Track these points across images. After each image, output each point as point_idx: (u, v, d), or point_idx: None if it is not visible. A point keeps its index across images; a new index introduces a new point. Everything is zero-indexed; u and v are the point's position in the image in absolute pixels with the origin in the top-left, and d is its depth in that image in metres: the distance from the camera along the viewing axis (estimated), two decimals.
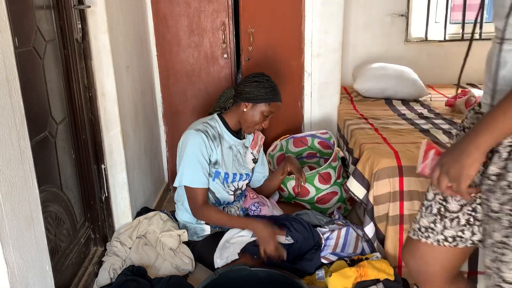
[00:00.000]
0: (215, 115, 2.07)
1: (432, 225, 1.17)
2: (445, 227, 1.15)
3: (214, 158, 1.99)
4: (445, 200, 1.13)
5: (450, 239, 1.16)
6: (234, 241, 1.98)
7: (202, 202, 1.97)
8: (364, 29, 3.67)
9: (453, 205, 1.11)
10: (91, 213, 2.03)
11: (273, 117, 2.06)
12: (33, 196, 1.28)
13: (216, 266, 1.92)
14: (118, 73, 2.07)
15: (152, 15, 2.72)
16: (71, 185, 1.85)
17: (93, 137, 2.00)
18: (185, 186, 1.98)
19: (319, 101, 2.89)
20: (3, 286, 1.13)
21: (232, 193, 2.11)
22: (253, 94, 1.97)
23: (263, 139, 2.20)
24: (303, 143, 2.78)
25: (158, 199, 2.73)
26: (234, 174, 2.07)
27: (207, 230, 2.08)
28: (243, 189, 2.17)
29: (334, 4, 2.70)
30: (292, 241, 1.95)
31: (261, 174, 2.30)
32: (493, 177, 0.95)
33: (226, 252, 1.93)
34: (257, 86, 1.97)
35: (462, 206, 1.11)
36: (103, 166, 2.06)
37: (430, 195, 1.18)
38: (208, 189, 2.03)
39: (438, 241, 1.17)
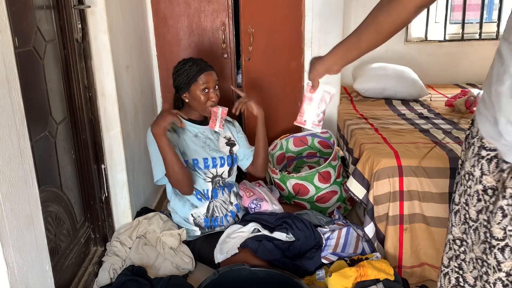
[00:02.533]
0: None
1: None
2: None
3: (176, 149, 2.01)
4: (461, 268, 1.03)
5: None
6: (235, 236, 2.00)
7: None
8: None
9: (469, 276, 1.00)
10: (91, 213, 2.03)
11: (217, 85, 2.03)
12: (33, 196, 1.28)
13: (216, 261, 1.93)
14: (118, 73, 2.07)
15: (152, 15, 2.72)
16: (71, 185, 1.85)
17: (93, 137, 2.00)
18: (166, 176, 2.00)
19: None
20: (3, 286, 1.13)
21: (210, 179, 2.09)
22: (181, 84, 2.01)
23: (225, 112, 2.02)
24: (303, 142, 2.78)
25: (158, 199, 2.73)
26: (205, 159, 2.07)
27: (197, 231, 2.10)
28: (223, 176, 2.14)
29: (334, 4, 2.70)
30: (293, 239, 1.95)
31: (248, 150, 2.24)
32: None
33: (226, 247, 1.94)
34: (179, 75, 2.01)
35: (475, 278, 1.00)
36: (103, 166, 2.06)
37: (445, 260, 1.07)
38: None
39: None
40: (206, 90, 1.99)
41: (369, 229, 1.99)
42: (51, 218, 1.63)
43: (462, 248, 0.99)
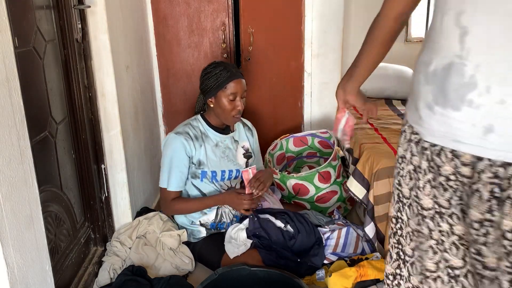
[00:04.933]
0: (198, 116, 2.08)
1: (398, 271, 1.12)
2: (409, 274, 1.08)
3: (197, 158, 1.99)
4: (399, 243, 1.10)
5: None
6: (236, 231, 2.01)
7: (170, 200, 2.02)
8: (364, 29, 3.65)
9: (407, 248, 1.07)
10: (91, 213, 2.03)
11: (245, 95, 2.00)
12: (33, 196, 1.28)
13: (232, 256, 1.92)
14: (118, 73, 2.07)
15: (152, 15, 2.72)
16: (71, 185, 1.85)
17: (93, 137, 2.00)
18: (160, 188, 2.03)
19: (319, 101, 2.89)
20: (3, 286, 1.13)
21: (225, 191, 2.09)
22: (208, 88, 1.96)
23: (255, 172, 2.04)
24: (303, 143, 2.78)
25: (158, 199, 2.73)
26: (223, 171, 2.05)
27: (203, 232, 2.09)
28: (236, 187, 2.15)
29: (334, 4, 2.70)
30: (291, 231, 1.96)
31: (259, 162, 2.28)
32: (477, 225, 0.88)
33: (237, 245, 1.95)
34: (207, 78, 1.96)
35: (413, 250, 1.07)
36: (103, 166, 2.06)
37: (390, 240, 1.16)
38: (199, 190, 2.05)
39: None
40: (233, 99, 1.95)
41: (370, 229, 1.99)
42: (51, 218, 1.63)
43: (398, 225, 1.09)
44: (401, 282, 1.11)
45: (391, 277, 1.14)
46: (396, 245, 1.11)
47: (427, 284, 1.03)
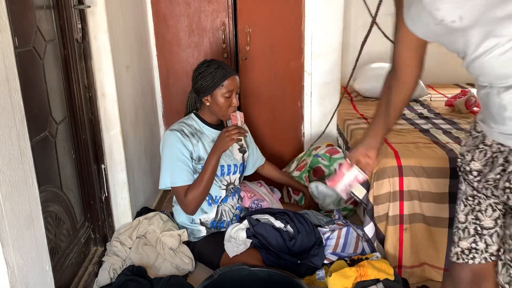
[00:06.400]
0: (192, 114, 2.08)
1: (473, 245, 1.20)
2: (487, 244, 1.18)
3: (196, 154, 1.99)
4: (477, 219, 1.18)
5: (496, 253, 1.18)
6: (236, 231, 2.01)
7: (184, 196, 1.96)
8: (364, 29, 3.63)
9: (487, 221, 1.18)
10: (91, 213, 2.03)
11: (238, 91, 2.02)
12: (33, 196, 1.28)
13: (232, 255, 1.92)
14: (118, 73, 2.07)
15: (152, 15, 2.72)
16: (71, 185, 1.85)
17: (93, 137, 2.00)
18: (171, 187, 1.99)
19: (319, 101, 2.89)
20: (3, 286, 1.13)
21: (224, 187, 2.09)
22: (203, 87, 1.96)
23: (242, 116, 2.06)
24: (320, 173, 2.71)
25: (158, 199, 2.73)
26: (222, 166, 2.06)
27: (203, 231, 2.09)
28: (235, 183, 2.16)
29: (334, 4, 2.70)
30: (291, 231, 1.96)
31: (259, 156, 2.29)
32: None
33: (236, 244, 1.95)
34: (202, 77, 1.96)
35: (496, 220, 1.16)
36: (103, 166, 2.06)
37: (462, 218, 1.22)
38: None
39: (485, 258, 1.19)
40: (229, 96, 1.96)
41: (369, 229, 1.99)
42: (51, 218, 1.63)
43: (476, 201, 1.18)
44: (476, 255, 1.21)
45: (467, 252, 1.23)
46: (474, 221, 1.20)
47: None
